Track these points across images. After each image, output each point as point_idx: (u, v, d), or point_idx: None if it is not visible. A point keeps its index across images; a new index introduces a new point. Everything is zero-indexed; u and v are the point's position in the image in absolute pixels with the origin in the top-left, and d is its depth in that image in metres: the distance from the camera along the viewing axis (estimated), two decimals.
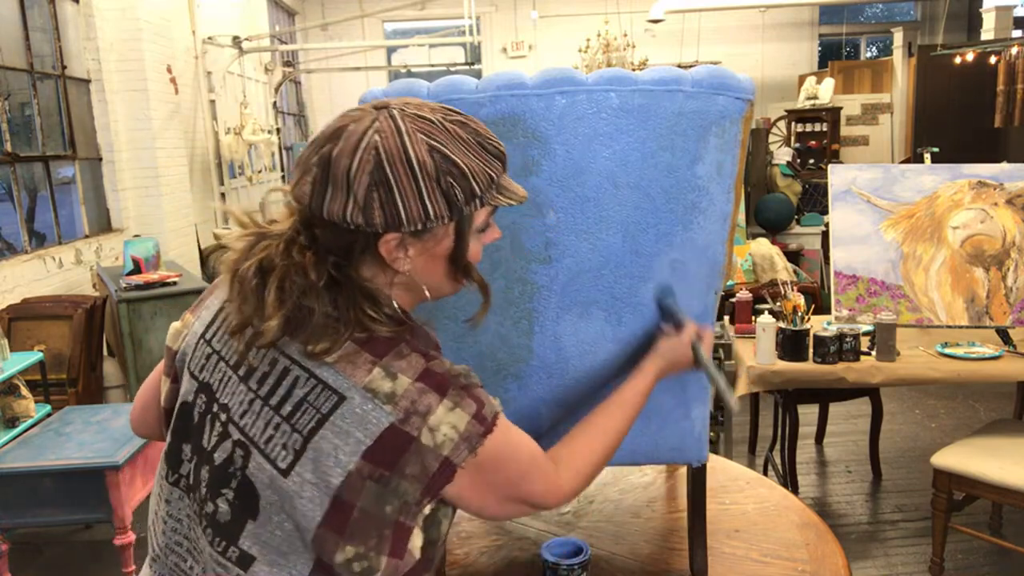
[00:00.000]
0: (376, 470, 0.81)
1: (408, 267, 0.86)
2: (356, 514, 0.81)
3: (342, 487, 0.81)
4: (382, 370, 0.83)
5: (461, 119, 0.86)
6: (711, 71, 1.11)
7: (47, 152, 4.80)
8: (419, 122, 0.82)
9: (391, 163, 0.80)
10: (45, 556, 3.08)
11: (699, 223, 1.15)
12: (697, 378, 1.26)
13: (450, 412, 0.83)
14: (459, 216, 0.85)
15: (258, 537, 0.84)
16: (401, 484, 0.82)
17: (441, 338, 1.20)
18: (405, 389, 0.82)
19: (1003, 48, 7.33)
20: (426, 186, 0.81)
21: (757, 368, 2.67)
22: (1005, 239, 2.84)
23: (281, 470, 0.82)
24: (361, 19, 9.04)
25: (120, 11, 5.25)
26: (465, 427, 0.84)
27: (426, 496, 0.84)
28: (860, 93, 9.41)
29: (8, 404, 2.99)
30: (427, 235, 0.85)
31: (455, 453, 0.83)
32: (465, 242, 0.88)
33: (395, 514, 0.82)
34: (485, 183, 0.84)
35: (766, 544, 1.41)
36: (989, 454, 2.56)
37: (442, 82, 1.10)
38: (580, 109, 1.07)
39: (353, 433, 0.81)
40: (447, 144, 0.82)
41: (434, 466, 0.82)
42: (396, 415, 0.81)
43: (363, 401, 0.82)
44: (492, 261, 1.14)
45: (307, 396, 0.83)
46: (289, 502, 0.82)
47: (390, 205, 0.81)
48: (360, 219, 0.81)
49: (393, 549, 0.83)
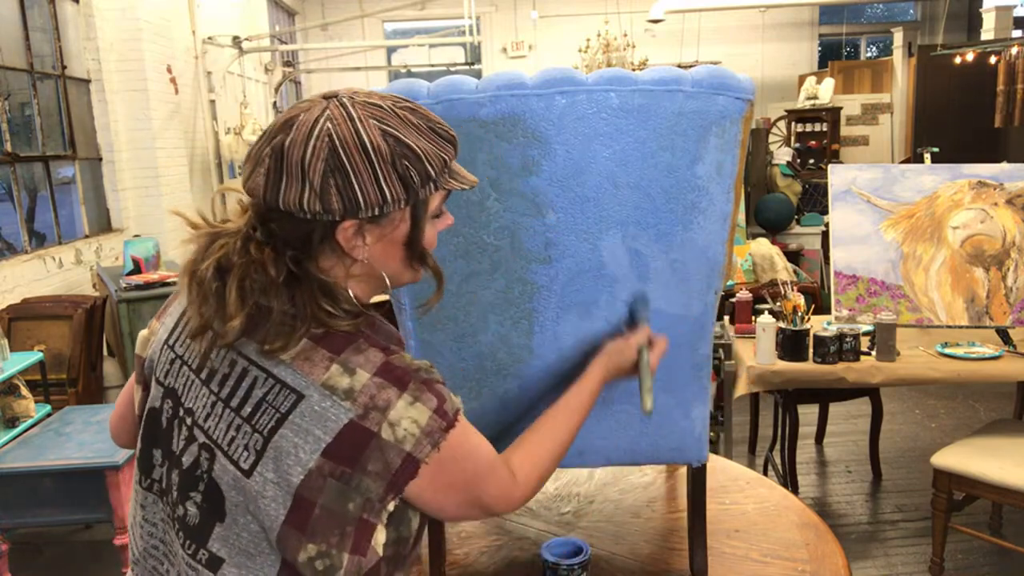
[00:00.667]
0: (337, 467, 0.81)
1: (366, 255, 0.87)
2: (317, 511, 0.81)
3: (302, 485, 0.81)
4: (340, 366, 0.83)
5: (410, 106, 0.86)
6: (711, 71, 1.11)
7: (47, 152, 4.80)
8: (370, 108, 0.83)
9: (346, 149, 0.80)
10: (45, 556, 3.08)
11: (699, 223, 1.15)
12: (697, 378, 1.26)
13: (410, 407, 0.83)
14: (415, 200, 0.85)
15: (226, 539, 0.85)
16: (364, 481, 0.81)
17: (441, 338, 1.21)
18: (363, 384, 0.82)
19: (1003, 48, 7.33)
20: (382, 170, 0.81)
21: (757, 368, 2.67)
22: (1005, 239, 2.84)
23: (244, 471, 0.82)
24: (361, 19, 9.04)
25: (120, 11, 5.25)
26: (427, 422, 0.83)
27: (390, 492, 0.83)
28: (860, 93, 9.41)
29: (8, 404, 2.99)
30: (384, 220, 0.85)
31: (417, 448, 0.83)
32: (421, 227, 0.88)
33: (358, 511, 0.82)
34: (439, 166, 0.85)
35: (766, 544, 1.41)
36: (989, 454, 2.56)
37: (442, 82, 1.10)
38: (580, 109, 1.07)
39: (312, 431, 0.81)
40: (399, 128, 0.83)
41: (396, 462, 0.82)
42: (355, 411, 0.81)
43: (321, 398, 0.81)
44: (492, 261, 1.14)
45: (266, 396, 0.83)
46: (253, 503, 0.82)
47: (347, 190, 0.81)
48: (318, 206, 0.81)
49: (355, 546, 0.83)
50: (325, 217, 0.82)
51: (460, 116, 1.08)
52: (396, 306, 1.23)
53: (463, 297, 1.17)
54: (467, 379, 1.23)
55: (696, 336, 1.23)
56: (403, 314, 1.22)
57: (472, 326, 1.19)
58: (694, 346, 1.24)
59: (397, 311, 1.23)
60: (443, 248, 1.14)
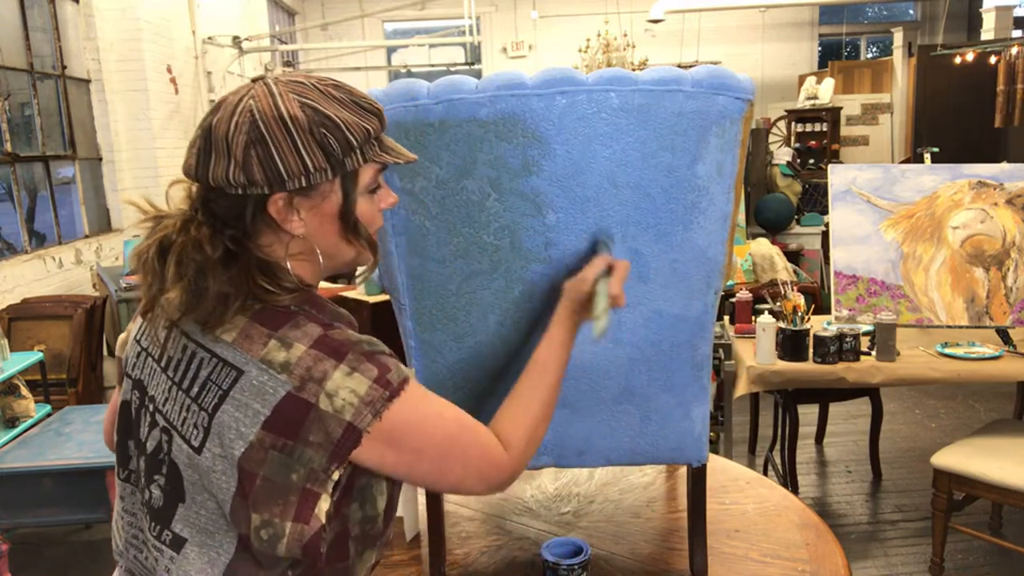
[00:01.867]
0: (278, 440, 0.82)
1: (301, 229, 0.88)
2: (259, 482, 0.83)
3: (243, 458, 0.83)
4: (277, 341, 0.84)
5: (335, 82, 0.89)
6: (711, 71, 1.11)
7: (47, 152, 4.80)
8: (291, 85, 0.86)
9: (265, 121, 0.83)
10: (45, 556, 3.08)
11: (699, 223, 1.15)
12: (697, 378, 1.26)
13: (348, 377, 0.84)
14: (343, 171, 0.87)
15: (187, 519, 0.87)
16: (306, 452, 0.83)
17: (441, 338, 1.21)
18: (299, 357, 0.83)
19: (1003, 48, 7.33)
20: (301, 139, 0.84)
21: (757, 368, 2.67)
22: (1005, 239, 2.84)
23: (195, 448, 0.85)
24: (361, 19, 9.04)
25: (120, 11, 5.26)
26: (366, 391, 0.84)
27: (334, 462, 0.84)
28: (860, 93, 9.41)
29: (8, 404, 2.99)
30: (314, 193, 0.87)
31: (358, 418, 0.83)
32: (352, 199, 0.89)
33: (301, 481, 0.83)
34: (361, 136, 0.86)
35: (766, 544, 1.41)
36: (989, 454, 2.56)
37: (442, 82, 1.10)
38: (580, 109, 1.07)
39: (251, 405, 0.83)
40: (319, 101, 0.85)
41: (338, 432, 0.83)
42: (292, 383, 0.82)
43: (259, 373, 0.83)
44: (492, 261, 1.14)
45: (210, 375, 0.85)
46: (207, 479, 0.85)
47: (268, 161, 0.83)
48: (242, 178, 0.84)
49: (298, 514, 0.84)
50: (253, 190, 0.85)
51: (460, 116, 1.08)
52: (396, 306, 1.23)
53: (463, 297, 1.17)
54: (467, 379, 1.23)
55: (696, 336, 1.23)
56: (403, 314, 1.22)
57: (472, 326, 1.19)
58: (694, 346, 1.24)
59: (397, 311, 1.23)
60: (443, 248, 1.14)
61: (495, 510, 1.58)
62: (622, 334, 1.19)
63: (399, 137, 1.09)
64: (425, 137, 1.09)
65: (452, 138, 1.08)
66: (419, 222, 1.14)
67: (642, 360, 1.22)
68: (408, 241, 1.16)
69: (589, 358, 1.20)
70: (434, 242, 1.14)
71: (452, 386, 1.23)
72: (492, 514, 1.57)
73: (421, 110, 1.08)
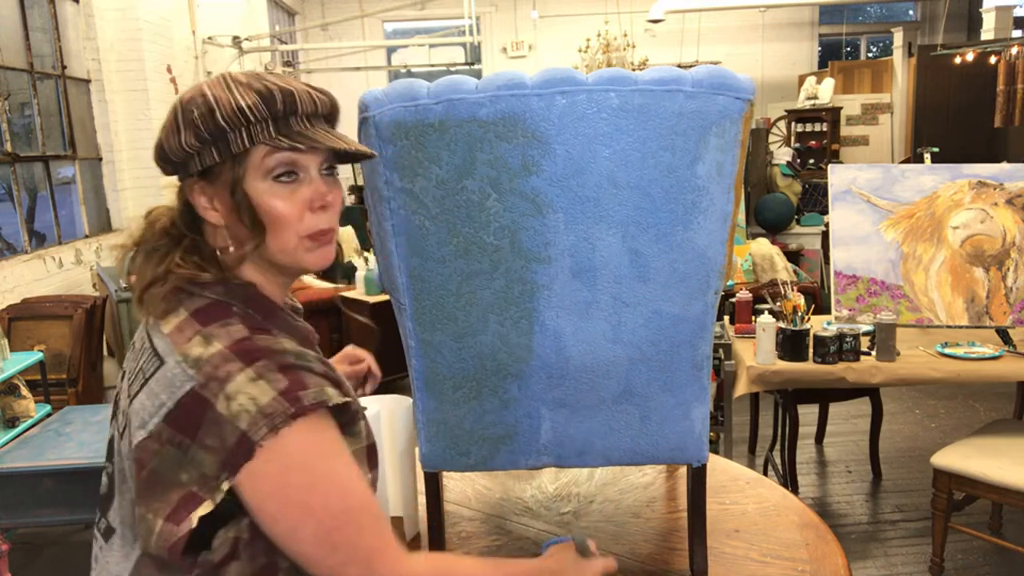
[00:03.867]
0: (176, 435, 0.80)
1: (216, 218, 0.88)
2: (146, 474, 0.81)
3: (139, 447, 0.81)
4: (201, 337, 0.83)
5: (259, 73, 0.89)
6: (711, 71, 1.11)
7: (47, 152, 4.79)
8: (217, 78, 0.88)
9: (172, 110, 0.88)
10: (45, 556, 3.08)
11: (699, 223, 1.15)
12: (697, 378, 1.26)
13: (251, 383, 0.79)
14: (230, 155, 0.85)
15: (118, 510, 0.87)
16: (199, 454, 0.79)
17: (441, 338, 1.21)
18: (212, 354, 0.81)
19: (1003, 48, 7.33)
20: (178, 120, 0.85)
21: (757, 368, 2.67)
22: (1005, 239, 2.84)
23: (120, 434, 0.86)
24: (361, 19, 9.04)
25: (120, 11, 5.26)
26: (268, 402, 0.78)
27: (224, 471, 0.78)
28: (860, 93, 9.41)
29: (8, 404, 2.99)
30: (214, 179, 0.87)
31: (252, 428, 0.77)
32: (239, 179, 0.85)
33: (190, 482, 0.79)
34: (233, 115, 0.83)
35: (766, 544, 1.41)
36: (989, 454, 2.56)
37: (442, 82, 1.10)
38: (580, 109, 1.07)
39: (159, 395, 0.82)
40: (213, 87, 0.86)
41: (231, 439, 0.78)
42: (198, 379, 0.80)
43: (175, 365, 0.82)
44: (492, 261, 1.14)
45: (141, 364, 0.86)
46: (124, 464, 0.85)
47: (160, 144, 0.88)
48: (161, 162, 0.90)
49: (172, 514, 0.79)
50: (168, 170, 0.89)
51: (460, 116, 1.08)
52: (396, 306, 1.23)
53: (463, 297, 1.17)
54: (467, 379, 1.23)
55: (696, 336, 1.23)
56: (403, 314, 1.22)
57: (472, 326, 1.19)
58: (694, 346, 1.24)
59: (397, 311, 1.23)
60: (443, 248, 1.14)
61: (495, 510, 1.58)
62: (622, 334, 1.19)
63: (399, 137, 1.09)
64: (425, 137, 1.09)
65: (452, 138, 1.08)
66: (419, 222, 1.14)
67: (642, 360, 1.22)
68: (408, 241, 1.16)
69: (589, 358, 1.20)
70: (434, 242, 1.14)
71: (452, 386, 1.23)
72: (492, 514, 1.57)
73: (421, 110, 1.08)
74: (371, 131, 1.11)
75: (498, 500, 1.62)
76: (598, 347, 1.19)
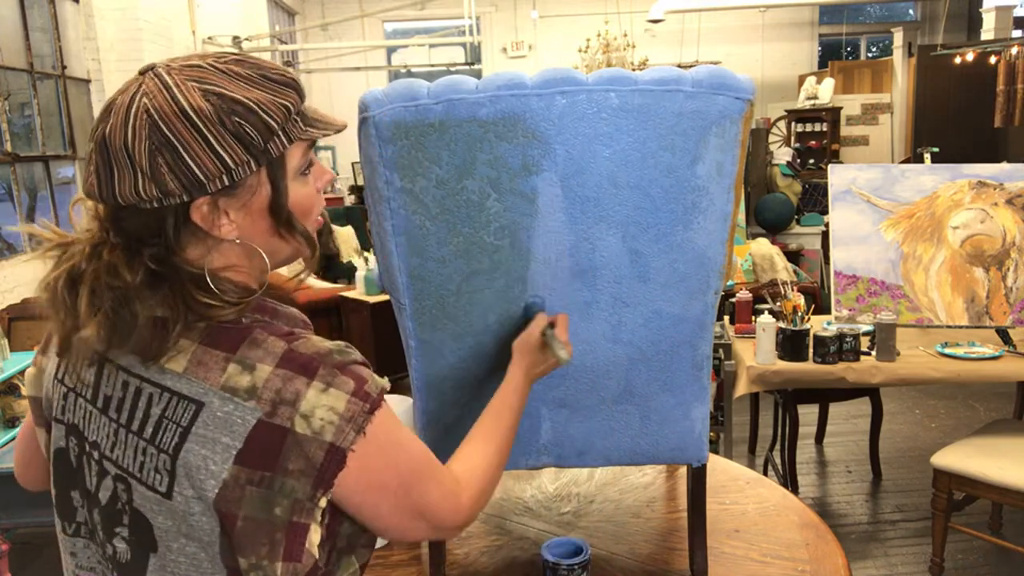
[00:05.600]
0: (255, 473, 0.74)
1: (235, 233, 0.78)
2: (240, 523, 0.74)
3: (219, 499, 0.74)
4: (238, 365, 0.75)
5: (236, 57, 0.77)
6: (711, 71, 1.11)
7: (47, 152, 4.80)
8: (187, 71, 0.74)
9: (166, 121, 0.72)
10: (45, 556, 3.08)
11: (699, 223, 1.15)
12: (697, 378, 1.26)
13: (323, 394, 0.75)
14: (267, 160, 0.77)
15: (164, 568, 0.78)
16: (287, 482, 0.74)
17: (441, 338, 1.21)
18: (266, 379, 0.74)
19: (1003, 48, 7.33)
20: (212, 133, 0.73)
21: (757, 368, 2.67)
22: (1005, 239, 2.84)
23: (163, 494, 0.76)
24: (361, 19, 9.04)
25: (120, 11, 5.26)
26: (346, 407, 0.75)
27: (319, 489, 0.76)
28: (860, 93, 9.41)
29: (8, 404, 2.99)
30: (240, 190, 0.77)
31: (340, 437, 0.75)
32: (282, 189, 0.79)
33: (287, 515, 0.75)
34: (281, 115, 0.76)
35: (766, 544, 1.41)
36: (989, 454, 2.56)
37: (442, 82, 1.10)
38: (580, 109, 1.07)
39: (219, 439, 0.74)
40: (223, 84, 0.74)
41: (320, 456, 0.75)
42: (262, 409, 0.74)
43: (223, 403, 0.74)
44: (492, 261, 1.14)
45: (164, 412, 0.76)
46: (184, 523, 0.76)
47: (180, 166, 0.73)
48: (155, 191, 0.73)
49: (288, 552, 0.75)
50: (170, 201, 0.74)
51: (460, 116, 1.08)
52: (396, 306, 1.23)
53: (463, 297, 1.17)
54: (467, 379, 1.23)
55: (696, 336, 1.23)
56: (403, 314, 1.22)
57: (472, 326, 1.19)
58: (694, 346, 1.24)
59: (397, 311, 1.23)
60: (443, 248, 1.14)
61: (495, 510, 1.58)
62: (622, 334, 1.19)
63: (399, 137, 1.09)
64: (425, 137, 1.09)
65: (452, 138, 1.08)
66: (419, 222, 1.14)
67: (642, 360, 1.22)
68: (408, 241, 1.16)
69: (589, 358, 1.20)
70: (434, 242, 1.14)
71: (452, 386, 1.23)
72: (492, 514, 1.57)
73: (421, 110, 1.08)
74: (371, 131, 1.11)
75: (498, 500, 1.62)
76: (598, 347, 1.19)
